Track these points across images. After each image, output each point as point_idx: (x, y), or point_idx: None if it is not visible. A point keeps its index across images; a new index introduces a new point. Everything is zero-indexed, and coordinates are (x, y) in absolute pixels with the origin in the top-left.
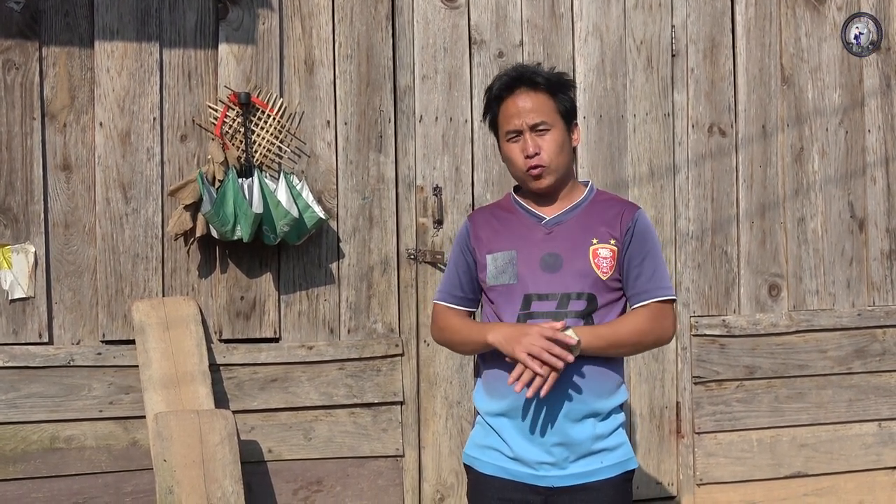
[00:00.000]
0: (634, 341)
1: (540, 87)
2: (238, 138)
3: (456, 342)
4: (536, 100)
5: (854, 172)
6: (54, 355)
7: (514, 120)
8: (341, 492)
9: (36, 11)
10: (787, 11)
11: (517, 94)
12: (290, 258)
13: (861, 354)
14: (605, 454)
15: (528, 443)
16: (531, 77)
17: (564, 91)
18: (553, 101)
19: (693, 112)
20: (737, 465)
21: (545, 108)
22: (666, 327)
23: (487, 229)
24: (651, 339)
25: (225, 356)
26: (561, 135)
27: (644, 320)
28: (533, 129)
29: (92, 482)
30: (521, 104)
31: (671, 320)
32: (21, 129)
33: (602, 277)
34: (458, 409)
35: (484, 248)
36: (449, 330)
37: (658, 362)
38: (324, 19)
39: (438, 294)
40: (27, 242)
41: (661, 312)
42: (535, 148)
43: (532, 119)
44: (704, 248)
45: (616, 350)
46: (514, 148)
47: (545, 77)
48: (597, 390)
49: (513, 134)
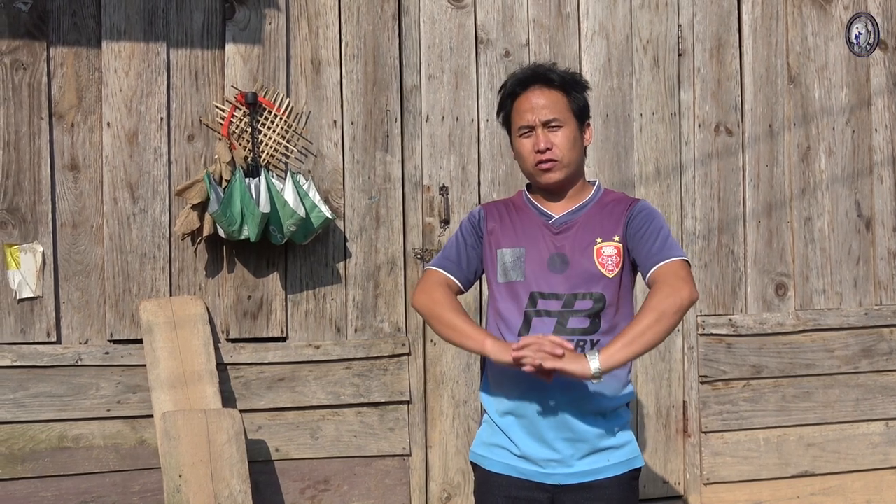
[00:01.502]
0: (656, 317)
1: (554, 85)
2: (245, 138)
3: (444, 326)
4: (550, 97)
5: (861, 171)
6: (62, 355)
7: (527, 115)
8: (348, 491)
9: (43, 12)
10: (793, 10)
11: (531, 91)
12: (296, 258)
13: (868, 354)
14: (612, 452)
15: (535, 441)
16: (546, 75)
17: (579, 90)
18: (567, 99)
19: (699, 111)
20: (744, 464)
21: (558, 106)
22: (680, 287)
23: (500, 222)
24: (672, 307)
25: (232, 355)
26: (573, 132)
27: (654, 296)
28: (545, 126)
29: (100, 481)
30: (535, 100)
31: (684, 279)
32: (29, 129)
33: (608, 276)
34: (464, 409)
35: (494, 241)
36: (440, 306)
37: (665, 361)
38: (330, 19)
39: (434, 261)
40: (35, 242)
41: (669, 274)
42: (546, 143)
43: (545, 115)
44: (711, 248)
45: (645, 340)
46: (525, 143)
47: (560, 75)
48: (603, 387)
49: (525, 129)
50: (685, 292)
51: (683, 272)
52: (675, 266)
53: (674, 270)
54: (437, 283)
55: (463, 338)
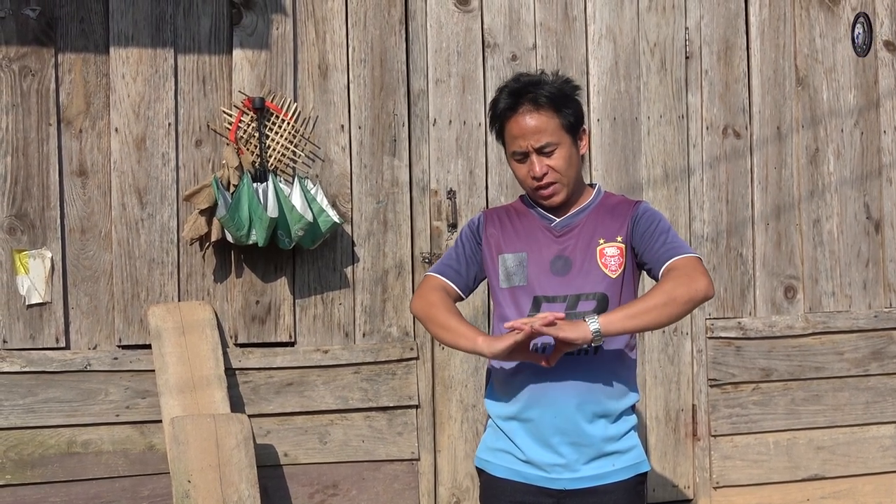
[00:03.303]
0: (664, 301)
1: (543, 106)
2: (253, 143)
3: (439, 326)
4: (540, 119)
5: (870, 173)
6: (71, 360)
7: (519, 141)
8: (357, 495)
9: (52, 18)
10: (801, 12)
11: (521, 114)
12: (304, 262)
13: (878, 356)
14: (617, 456)
15: (540, 446)
16: (534, 96)
17: (569, 104)
18: (558, 118)
19: (707, 114)
20: (753, 467)
21: (550, 127)
22: (696, 279)
23: (500, 228)
24: (683, 295)
25: (240, 360)
26: (568, 150)
27: (669, 281)
28: (539, 152)
29: (109, 486)
30: (525, 125)
31: (701, 273)
32: (37, 135)
33: (611, 276)
34: (473, 413)
35: (494, 246)
36: (436, 308)
37: (673, 365)
38: (337, 24)
39: (433, 268)
40: (44, 248)
41: (687, 266)
42: (542, 169)
43: (537, 141)
44: (720, 251)
45: (648, 318)
46: (521, 168)
47: (548, 94)
48: (608, 391)
49: (519, 155)
50: (701, 284)
51: (701, 266)
52: (692, 260)
53: (691, 264)
54: (434, 288)
55: (456, 337)
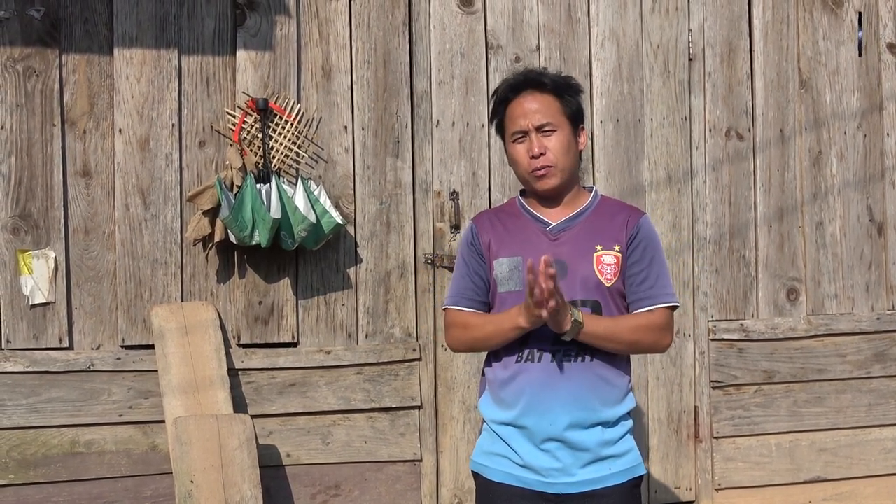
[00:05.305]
0: (632, 340)
1: (546, 89)
2: (256, 144)
3: (484, 336)
4: (542, 101)
5: (873, 176)
6: (74, 360)
7: (519, 120)
8: (359, 496)
9: (56, 19)
10: (804, 15)
11: (523, 96)
12: (307, 263)
13: (881, 358)
14: (614, 461)
15: (537, 450)
16: (537, 79)
17: (571, 94)
18: (559, 103)
19: (710, 116)
20: (755, 469)
21: (551, 110)
22: (665, 335)
23: (493, 233)
24: (648, 342)
25: (243, 361)
26: (567, 136)
27: (645, 322)
28: (539, 130)
29: (112, 486)
30: (527, 105)
31: (671, 329)
32: (41, 135)
33: (606, 284)
34: (475, 414)
35: (490, 253)
36: (472, 327)
37: (676, 367)
38: (341, 25)
39: (449, 300)
40: (47, 248)
41: (664, 319)
42: (540, 148)
43: (538, 120)
44: (722, 253)
45: (612, 343)
46: (519, 149)
47: (552, 79)
48: (604, 399)
49: (518, 135)
50: (664, 342)
51: (672, 323)
52: (667, 317)
53: (665, 322)
54: (456, 325)
55: (500, 326)
